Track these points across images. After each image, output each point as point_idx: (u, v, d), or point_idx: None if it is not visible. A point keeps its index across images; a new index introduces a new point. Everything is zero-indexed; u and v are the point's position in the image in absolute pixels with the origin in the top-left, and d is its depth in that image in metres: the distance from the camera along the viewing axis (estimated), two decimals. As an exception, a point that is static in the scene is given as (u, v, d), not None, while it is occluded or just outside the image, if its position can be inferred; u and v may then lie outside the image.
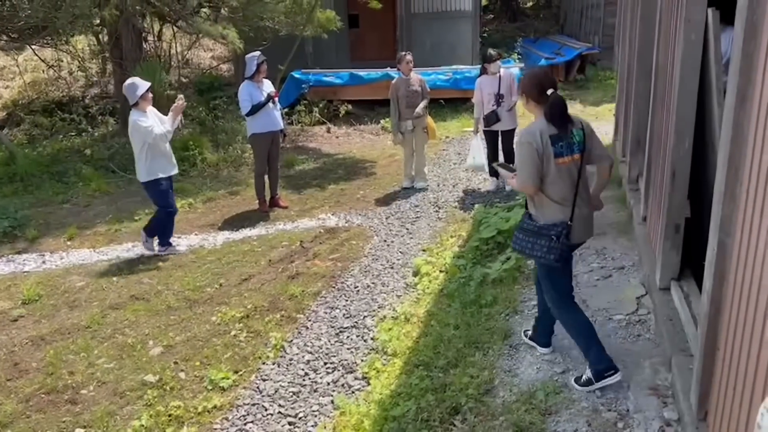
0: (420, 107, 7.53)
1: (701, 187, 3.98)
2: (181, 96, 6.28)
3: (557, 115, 3.13)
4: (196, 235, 6.83)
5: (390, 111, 7.74)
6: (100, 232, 7.00)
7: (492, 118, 7.08)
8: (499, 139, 7.26)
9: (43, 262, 6.26)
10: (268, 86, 7.15)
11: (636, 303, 4.15)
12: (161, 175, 6.00)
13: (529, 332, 3.90)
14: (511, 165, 4.07)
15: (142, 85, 5.87)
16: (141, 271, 5.90)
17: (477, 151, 7.32)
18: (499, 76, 7.06)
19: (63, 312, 5.19)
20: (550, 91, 3.14)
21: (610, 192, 6.51)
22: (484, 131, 7.26)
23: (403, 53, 7.69)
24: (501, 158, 7.28)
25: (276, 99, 7.17)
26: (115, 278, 5.77)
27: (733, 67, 2.36)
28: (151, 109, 5.96)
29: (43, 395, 4.08)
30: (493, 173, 7.39)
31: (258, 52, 7.17)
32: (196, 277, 5.71)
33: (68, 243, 6.74)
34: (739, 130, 2.34)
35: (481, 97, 7.14)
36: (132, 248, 6.49)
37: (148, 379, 4.14)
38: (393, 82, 7.71)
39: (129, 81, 5.98)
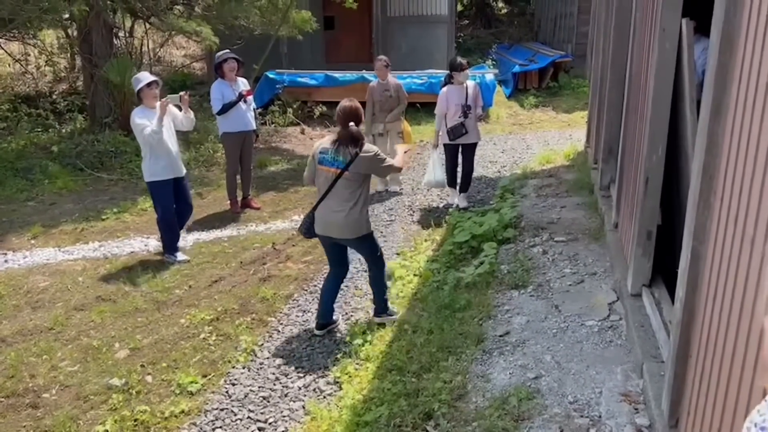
0: (392, 114, 7.44)
1: (672, 194, 4.04)
2: (182, 93, 5.89)
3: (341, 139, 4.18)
4: (165, 235, 6.69)
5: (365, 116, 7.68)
6: (65, 230, 6.82)
7: (459, 130, 6.69)
8: (460, 152, 6.91)
9: (5, 261, 6.07)
10: (242, 85, 7.06)
11: (608, 309, 4.18)
12: (158, 178, 5.70)
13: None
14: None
15: (144, 78, 5.58)
16: (108, 272, 5.76)
17: (437, 166, 7.01)
18: (466, 86, 6.78)
19: (25, 313, 5.03)
20: (351, 123, 4.15)
21: (582, 198, 6.59)
22: (446, 145, 6.87)
23: (380, 57, 7.62)
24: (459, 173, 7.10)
25: (248, 98, 7.06)
26: (80, 278, 5.62)
27: (708, 77, 2.38)
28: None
29: (2, 399, 3.93)
30: (452, 183, 7.12)
31: (222, 51, 7.05)
32: (165, 278, 5.59)
33: (32, 242, 6.55)
34: (713, 140, 2.36)
35: (446, 108, 6.74)
36: (99, 248, 6.34)
37: (114, 383, 4.03)
38: (369, 85, 7.65)
39: (135, 75, 5.79)
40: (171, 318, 4.88)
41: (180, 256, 5.95)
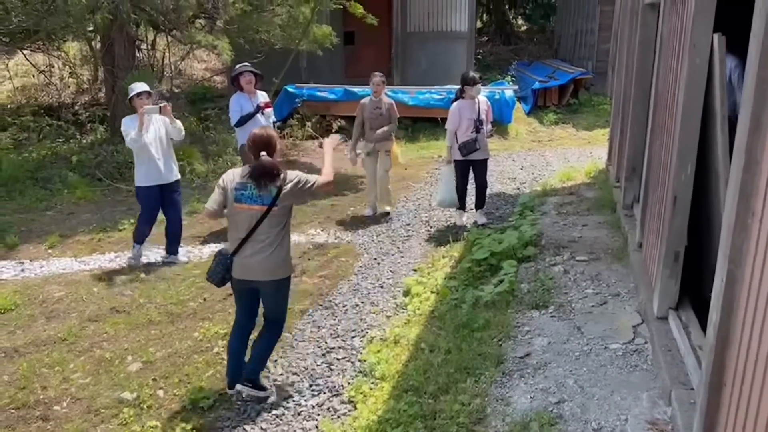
0: (381, 131, 7.12)
1: (699, 214, 3.90)
2: (162, 104, 5.96)
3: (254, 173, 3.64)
4: (181, 247, 6.65)
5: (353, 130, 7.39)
6: (82, 240, 6.81)
7: (471, 146, 6.51)
8: (470, 169, 6.76)
9: (22, 270, 6.06)
10: (261, 98, 7.04)
11: (632, 332, 4.04)
12: (141, 184, 5.92)
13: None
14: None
15: (135, 89, 5.81)
16: (123, 283, 5.72)
17: (449, 184, 6.73)
18: (478, 101, 6.65)
19: (39, 323, 4.99)
20: (263, 153, 3.65)
21: (604, 217, 6.46)
22: (457, 161, 6.68)
23: (374, 73, 7.27)
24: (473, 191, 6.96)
25: (267, 111, 7.03)
26: (95, 289, 5.59)
27: (746, 93, 2.28)
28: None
29: (13, 410, 3.88)
30: (462, 204, 6.96)
31: (242, 64, 7.07)
32: (180, 290, 5.54)
33: (49, 251, 6.55)
34: (752, 158, 2.25)
35: (458, 123, 6.58)
36: (115, 258, 6.31)
37: (125, 397, 3.97)
38: (361, 102, 7.34)
39: (131, 85, 5.99)
40: (185, 331, 4.82)
41: (137, 248, 6.13)
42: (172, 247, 6.26)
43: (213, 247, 6.61)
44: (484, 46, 19.69)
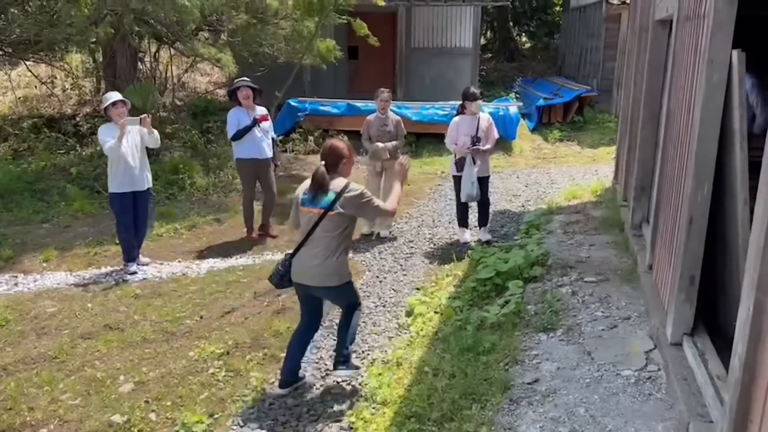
0: (390, 145, 6.92)
1: (713, 234, 3.76)
2: (143, 116, 6.07)
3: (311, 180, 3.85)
4: (179, 262, 6.52)
5: (364, 145, 7.24)
6: (78, 254, 6.67)
7: (463, 163, 6.45)
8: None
9: (15, 284, 5.91)
10: (260, 113, 6.97)
11: (645, 358, 3.88)
12: (114, 191, 6.00)
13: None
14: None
15: (111, 98, 5.94)
16: (118, 299, 5.57)
17: (470, 178, 6.42)
18: (478, 117, 6.54)
19: (30, 339, 4.84)
20: (321, 163, 3.83)
21: (612, 237, 6.32)
22: (456, 177, 6.58)
23: (381, 90, 7.10)
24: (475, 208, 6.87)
25: (264, 125, 6.93)
26: (89, 305, 5.43)
27: (776, 109, 2.14)
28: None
29: (-3, 433, 3.72)
30: (462, 222, 6.87)
31: (240, 78, 7.01)
32: (176, 307, 5.39)
33: (44, 265, 6.41)
34: (782, 179, 2.12)
35: (455, 138, 6.51)
36: (111, 273, 6.17)
37: (115, 420, 3.80)
38: (367, 119, 7.15)
39: (105, 94, 6.18)
40: (180, 350, 4.66)
41: (132, 267, 6.17)
42: (130, 254, 6.26)
43: (211, 262, 6.49)
44: (488, 63, 19.67)
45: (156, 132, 6.20)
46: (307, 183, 3.94)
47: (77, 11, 8.22)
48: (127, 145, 5.91)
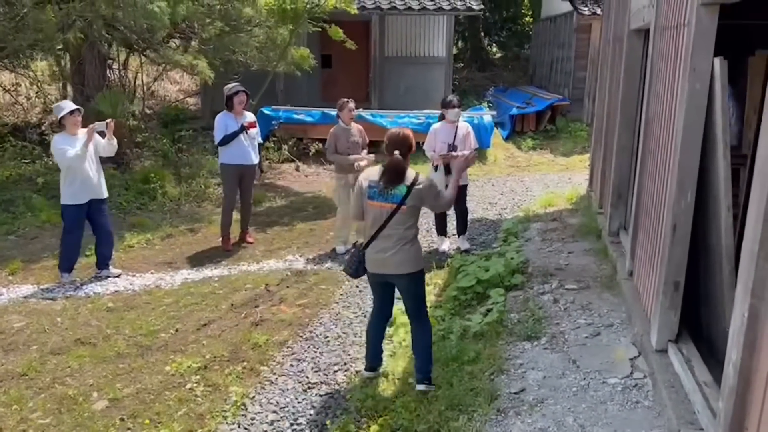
0: (368, 160, 6.76)
1: (694, 242, 3.77)
2: (109, 120, 6.00)
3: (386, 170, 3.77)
4: (152, 273, 6.35)
5: (329, 159, 7.03)
6: (46, 266, 6.45)
7: (437, 168, 6.43)
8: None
9: (-20, 299, 5.69)
10: (248, 118, 6.89)
11: (630, 365, 3.88)
12: (71, 202, 5.87)
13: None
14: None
15: (67, 106, 5.83)
16: (89, 312, 5.39)
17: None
18: (456, 125, 6.51)
19: (-4, 356, 4.64)
20: (396, 152, 3.73)
21: (589, 244, 6.35)
22: None
23: (346, 100, 6.84)
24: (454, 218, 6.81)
25: (252, 131, 6.87)
26: (59, 319, 5.24)
27: (770, 115, 2.15)
28: (83, 132, 5.86)
29: (-37, 455, 3.54)
30: (441, 230, 6.85)
31: (233, 84, 6.92)
32: (150, 320, 5.23)
33: (10, 278, 6.18)
34: (776, 185, 2.12)
35: (433, 145, 6.49)
36: (80, 286, 5.97)
37: (89, 439, 3.65)
38: (332, 131, 6.88)
39: (57, 103, 6.01)
40: (155, 365, 4.51)
41: (67, 277, 6.03)
42: (104, 262, 6.23)
43: (185, 273, 6.33)
44: (460, 72, 19.78)
45: (115, 139, 6.08)
46: (370, 172, 3.88)
47: (45, 17, 8.00)
48: (88, 154, 5.81)
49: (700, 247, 3.76)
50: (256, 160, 7.02)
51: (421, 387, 3.88)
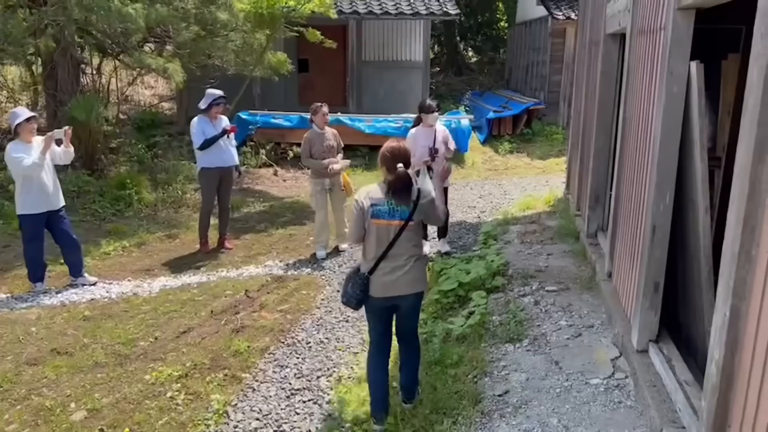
0: (343, 165, 6.82)
1: (672, 243, 3.83)
2: (66, 128, 5.95)
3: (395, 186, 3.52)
4: (129, 281, 6.26)
5: (304, 164, 6.99)
6: (20, 275, 6.30)
7: (421, 173, 6.40)
8: None
9: (-49, 309, 5.54)
10: (224, 122, 6.89)
11: (611, 366, 3.91)
12: (28, 212, 5.73)
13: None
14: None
15: (22, 114, 5.69)
16: (65, 321, 5.29)
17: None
18: (435, 129, 6.48)
19: (-31, 368, 4.52)
20: (400, 166, 3.50)
21: (568, 246, 6.41)
22: None
23: (319, 104, 6.81)
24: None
25: (232, 135, 6.91)
26: (34, 329, 5.13)
27: (749, 118, 2.19)
28: (37, 140, 5.73)
29: (-64, 471, 3.44)
30: (425, 235, 6.71)
31: (220, 92, 6.86)
32: (129, 328, 5.15)
33: (-18, 287, 6.04)
34: (756, 187, 2.15)
35: (414, 150, 6.22)
36: (56, 295, 5.86)
37: (67, 451, 3.57)
38: (306, 135, 6.81)
39: (12, 110, 5.90)
40: (134, 374, 4.43)
41: (41, 286, 5.95)
42: (76, 270, 6.11)
43: (163, 281, 6.25)
44: (437, 77, 19.90)
45: (71, 147, 6.03)
46: (367, 191, 3.62)
47: (15, 21, 7.85)
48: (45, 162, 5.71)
49: (678, 247, 3.81)
50: (236, 160, 7.04)
51: (408, 406, 3.79)
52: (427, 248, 6.83)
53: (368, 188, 3.67)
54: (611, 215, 5.07)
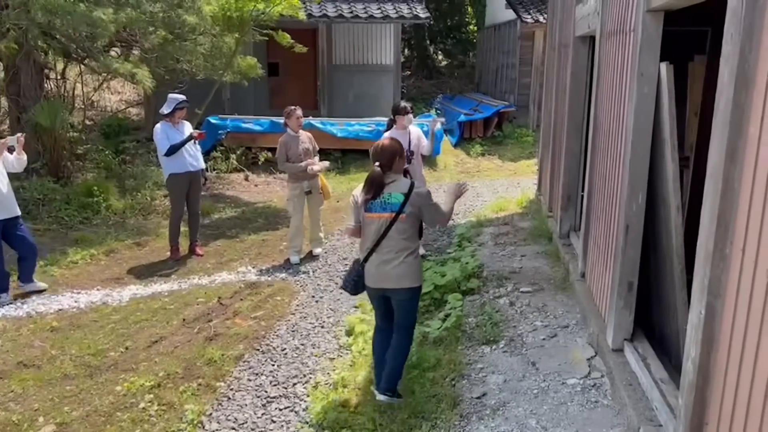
0: (322, 166, 6.76)
1: (644, 242, 3.87)
2: (19, 135, 5.91)
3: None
4: (98, 290, 6.11)
5: (281, 169, 6.94)
6: (-18, 286, 6.11)
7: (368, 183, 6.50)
8: None
9: None
10: (188, 129, 6.78)
11: (587, 365, 3.94)
12: None
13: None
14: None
15: None
16: (31, 333, 5.13)
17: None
18: (409, 131, 6.43)
19: (-70, 383, 4.36)
20: (376, 163, 3.71)
21: (541, 247, 6.46)
22: None
23: (292, 108, 6.74)
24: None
25: (199, 140, 6.85)
26: (-2, 341, 4.98)
27: (721, 118, 2.21)
28: None
29: None
30: None
31: (182, 96, 6.76)
32: (98, 339, 5.02)
33: (-57, 299, 5.83)
34: (729, 186, 2.18)
35: None
36: (21, 305, 5.69)
37: (36, 467, 3.46)
38: (281, 139, 6.70)
39: None
40: (105, 385, 4.32)
41: (5, 297, 5.80)
42: (26, 276, 5.99)
43: (134, 289, 6.12)
44: (408, 80, 19.95)
45: (25, 155, 5.95)
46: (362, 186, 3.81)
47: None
48: None
49: (650, 247, 3.86)
50: (203, 163, 7.00)
51: (382, 398, 3.80)
52: (422, 249, 6.81)
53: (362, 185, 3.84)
54: (584, 216, 5.12)
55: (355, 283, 3.86)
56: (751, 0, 2.02)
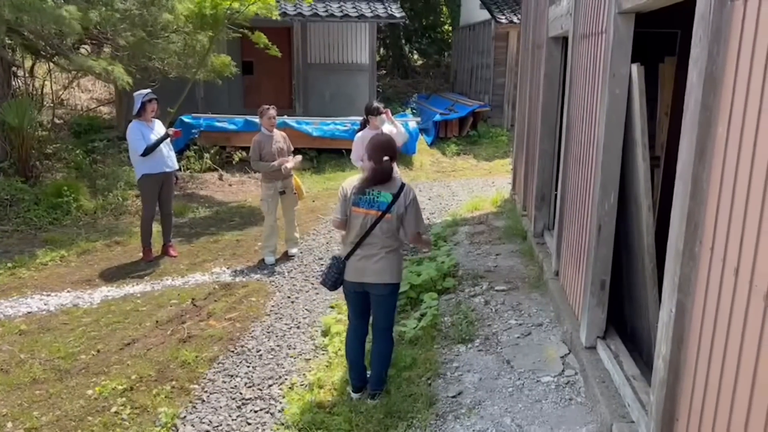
0: (295, 161, 6.73)
1: (616, 241, 3.92)
2: None
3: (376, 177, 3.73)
4: (68, 292, 5.99)
5: (254, 168, 6.92)
6: (-52, 289, 5.97)
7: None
8: None
9: None
10: (159, 127, 6.64)
11: (561, 363, 3.99)
12: None
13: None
14: None
15: None
16: (-1, 336, 5.03)
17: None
18: (381, 130, 6.36)
19: None
20: (385, 158, 3.71)
21: (515, 246, 6.51)
22: None
23: (266, 107, 6.69)
24: None
25: (174, 139, 6.73)
26: (-35, 345, 4.86)
27: (689, 119, 2.25)
28: None
29: None
30: None
31: (147, 90, 6.65)
32: (69, 342, 4.92)
33: None
34: (698, 186, 2.22)
35: (362, 153, 6.47)
36: (-12, 309, 5.56)
37: (4, 474, 3.38)
38: (255, 138, 6.65)
39: None
40: (76, 389, 4.24)
41: None
42: None
43: (105, 291, 6.02)
44: (383, 79, 19.96)
45: None
46: (353, 180, 3.83)
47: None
48: None
49: (622, 245, 3.91)
50: (176, 164, 6.88)
51: (374, 402, 3.82)
52: None
53: (354, 178, 3.88)
54: (557, 215, 5.17)
55: (335, 279, 3.85)
56: (719, 4, 2.06)
